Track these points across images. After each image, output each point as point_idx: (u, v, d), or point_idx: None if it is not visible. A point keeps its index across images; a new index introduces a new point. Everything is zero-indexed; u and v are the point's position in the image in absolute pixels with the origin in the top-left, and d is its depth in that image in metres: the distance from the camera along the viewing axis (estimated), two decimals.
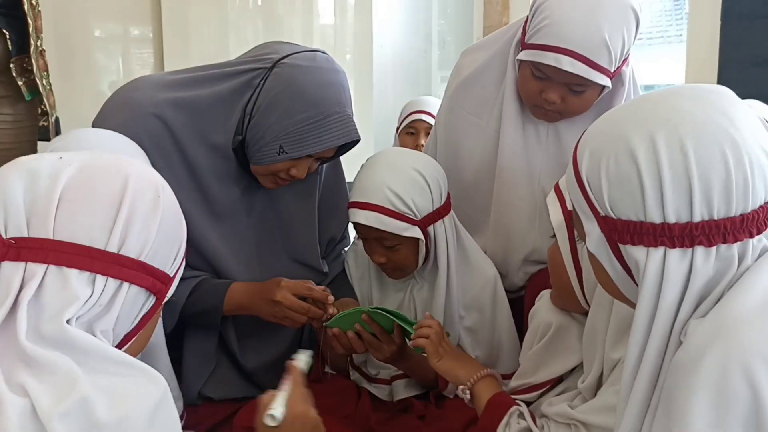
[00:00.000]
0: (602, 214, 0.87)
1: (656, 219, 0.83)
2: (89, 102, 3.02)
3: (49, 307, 0.76)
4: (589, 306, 1.30)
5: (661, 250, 0.83)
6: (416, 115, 2.68)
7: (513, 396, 1.42)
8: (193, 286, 1.53)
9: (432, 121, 2.61)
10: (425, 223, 1.53)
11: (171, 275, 0.88)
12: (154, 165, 1.48)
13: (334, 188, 1.75)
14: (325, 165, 1.70)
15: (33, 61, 2.09)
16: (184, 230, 0.91)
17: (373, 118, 3.38)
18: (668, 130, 0.82)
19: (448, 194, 1.60)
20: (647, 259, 0.83)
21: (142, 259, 0.82)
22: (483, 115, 1.74)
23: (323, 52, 1.54)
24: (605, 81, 1.53)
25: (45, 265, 0.77)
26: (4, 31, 2.01)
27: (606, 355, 1.20)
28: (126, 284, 0.81)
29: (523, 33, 1.60)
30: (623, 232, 0.85)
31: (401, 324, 1.47)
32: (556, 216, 1.30)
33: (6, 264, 0.77)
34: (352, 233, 1.79)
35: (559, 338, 1.38)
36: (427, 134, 2.62)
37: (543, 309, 1.43)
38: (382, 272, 1.65)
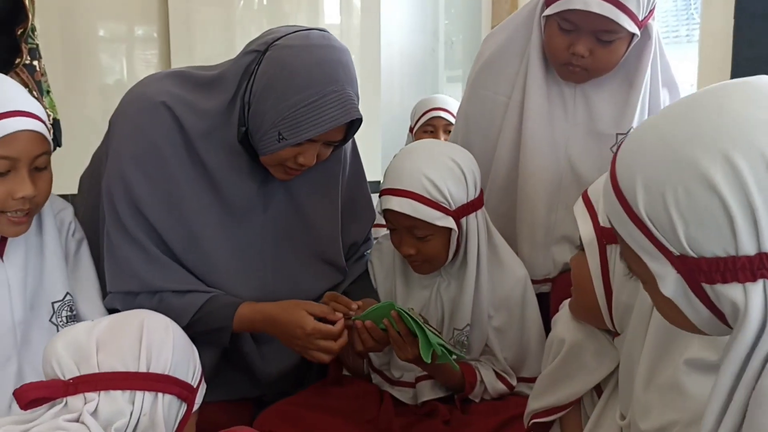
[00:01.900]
0: (677, 253, 0.75)
1: (751, 251, 0.71)
2: (93, 101, 3.01)
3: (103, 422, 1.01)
4: (614, 326, 1.25)
5: (760, 283, 0.71)
6: (433, 112, 2.65)
7: (534, 419, 1.39)
8: (198, 306, 1.49)
9: (449, 117, 2.59)
10: (459, 214, 1.51)
11: (194, 386, 1.11)
12: (166, 162, 1.47)
13: (355, 191, 1.72)
14: (348, 163, 1.67)
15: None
16: (195, 352, 1.14)
17: (381, 117, 3.35)
18: (744, 146, 0.71)
19: (481, 189, 1.58)
20: (746, 296, 0.72)
21: (167, 373, 1.06)
22: (508, 91, 1.74)
23: (322, 30, 1.48)
24: (633, 27, 1.54)
25: (97, 393, 1.01)
26: None
27: (636, 393, 1.12)
28: (160, 395, 1.04)
29: None
30: (711, 272, 0.73)
31: (421, 336, 1.41)
32: (586, 230, 1.21)
33: (70, 398, 1.01)
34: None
35: (574, 358, 1.34)
36: (446, 131, 2.60)
37: (561, 320, 1.39)
38: (408, 270, 1.62)
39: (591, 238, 1.22)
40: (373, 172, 1.86)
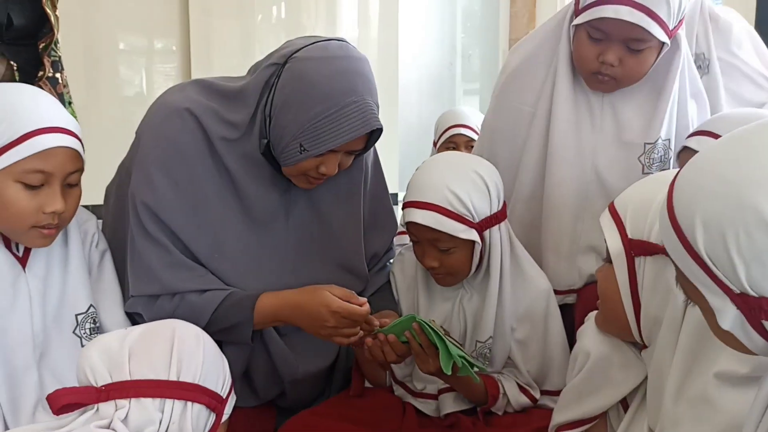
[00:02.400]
0: (737, 291, 0.76)
1: None
2: (113, 113, 3.03)
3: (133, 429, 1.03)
4: (642, 339, 1.24)
5: None
6: (455, 129, 2.64)
7: None
8: (219, 301, 1.49)
9: (470, 134, 2.59)
10: (482, 226, 1.50)
11: (223, 396, 1.12)
12: (192, 167, 1.48)
13: (377, 201, 1.71)
14: (370, 173, 1.67)
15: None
16: (225, 363, 1.16)
17: (398, 130, 3.36)
18: None
19: (504, 202, 1.58)
20: None
21: (197, 382, 1.08)
22: (534, 101, 1.74)
23: (340, 40, 1.48)
24: (663, 36, 1.54)
25: (128, 400, 1.03)
26: (11, 62, 2.00)
27: (665, 406, 1.11)
28: (190, 403, 1.06)
29: (576, 4, 1.62)
30: None
31: (441, 347, 1.41)
32: (614, 242, 1.20)
33: (102, 405, 1.03)
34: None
35: (600, 372, 1.33)
36: (467, 147, 2.59)
37: (586, 332, 1.38)
38: (431, 282, 1.62)
39: (619, 251, 1.20)
40: (390, 184, 1.86)
